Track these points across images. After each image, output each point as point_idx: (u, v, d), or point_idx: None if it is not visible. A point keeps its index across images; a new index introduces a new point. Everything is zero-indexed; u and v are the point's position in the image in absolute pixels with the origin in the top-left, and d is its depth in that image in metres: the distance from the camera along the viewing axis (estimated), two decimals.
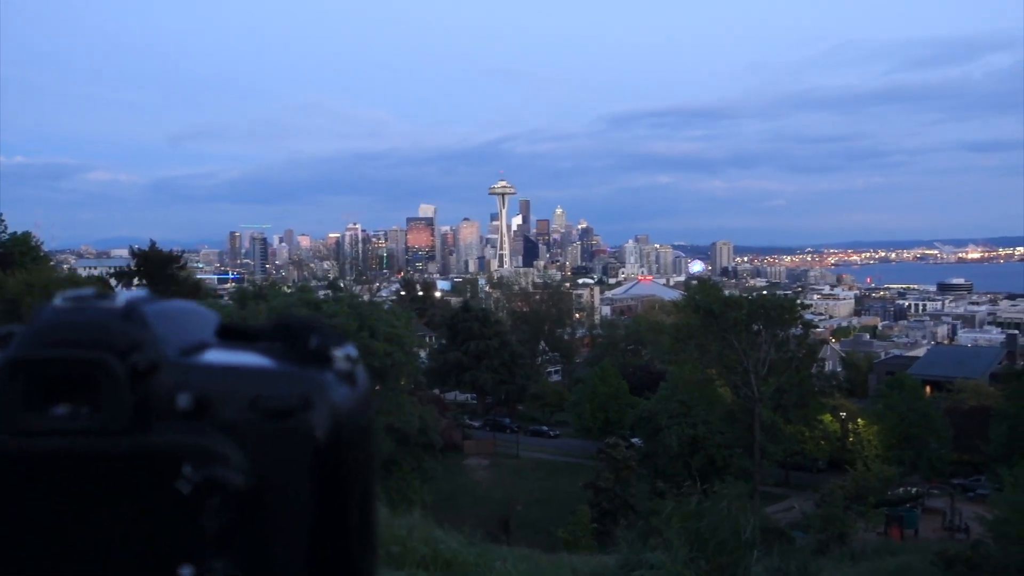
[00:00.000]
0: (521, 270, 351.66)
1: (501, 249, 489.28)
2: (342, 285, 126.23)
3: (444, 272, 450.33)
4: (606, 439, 47.59)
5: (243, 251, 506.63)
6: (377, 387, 43.82)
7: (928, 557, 25.93)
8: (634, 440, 64.35)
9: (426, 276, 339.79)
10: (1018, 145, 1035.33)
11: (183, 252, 79.32)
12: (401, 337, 44.29)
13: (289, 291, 56.37)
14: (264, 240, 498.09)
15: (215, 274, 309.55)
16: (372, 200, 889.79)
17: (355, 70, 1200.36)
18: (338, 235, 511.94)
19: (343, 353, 0.66)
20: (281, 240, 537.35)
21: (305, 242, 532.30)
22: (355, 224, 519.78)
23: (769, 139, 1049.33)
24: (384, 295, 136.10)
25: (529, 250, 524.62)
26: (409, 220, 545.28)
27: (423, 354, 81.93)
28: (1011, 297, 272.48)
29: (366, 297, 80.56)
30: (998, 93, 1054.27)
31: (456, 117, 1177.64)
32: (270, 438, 0.59)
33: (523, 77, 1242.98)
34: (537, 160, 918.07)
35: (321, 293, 71.40)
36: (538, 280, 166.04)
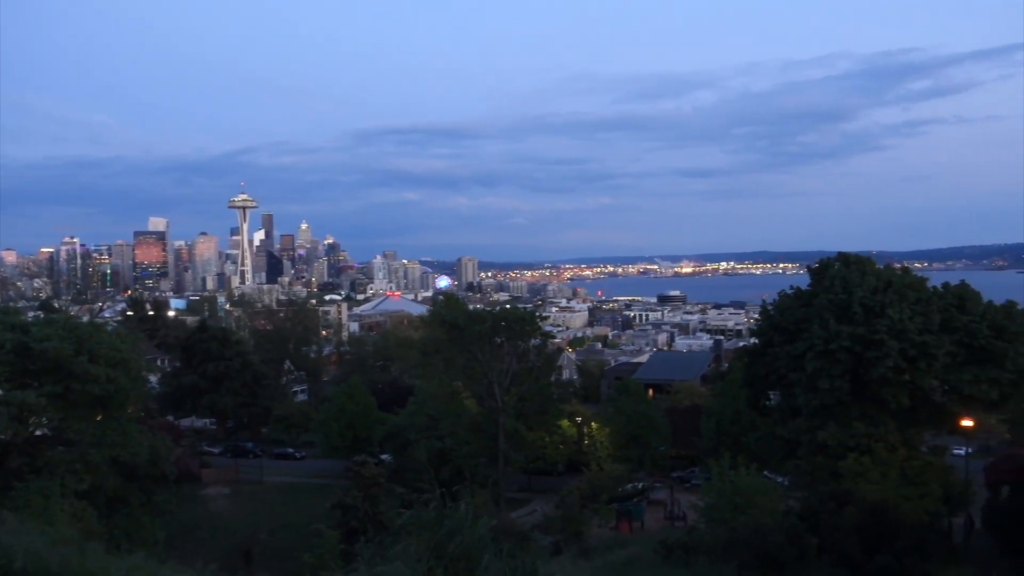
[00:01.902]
0: (264, 287, 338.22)
1: (242, 265, 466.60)
2: (57, 306, 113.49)
3: (179, 290, 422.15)
4: (355, 457, 46.91)
5: None
6: (98, 416, 39.91)
7: (652, 546, 28.44)
8: (383, 456, 64.19)
9: (158, 294, 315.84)
10: (721, 173, 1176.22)
11: None
12: (127, 361, 40.58)
13: None
14: None
15: None
16: (93, 212, 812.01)
17: (71, 69, 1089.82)
18: (52, 250, 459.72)
19: None
20: None
21: (10, 257, 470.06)
22: (73, 238, 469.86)
23: (510, 160, 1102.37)
24: (108, 316, 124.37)
25: (273, 266, 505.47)
26: (138, 234, 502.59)
27: (153, 379, 76.26)
28: (717, 307, 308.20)
29: (86, 318, 73.03)
30: (704, 126, 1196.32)
31: (192, 126, 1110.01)
32: None
33: (265, 88, 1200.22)
34: (281, 173, 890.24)
35: (31, 315, 63.68)
36: (283, 297, 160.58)
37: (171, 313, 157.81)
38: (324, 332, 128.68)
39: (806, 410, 42.29)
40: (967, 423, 45.03)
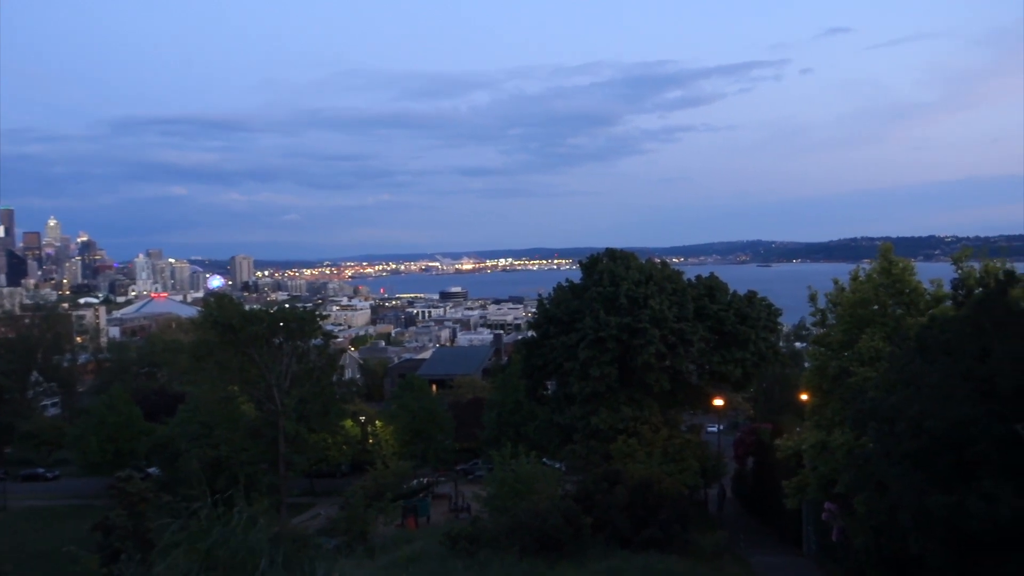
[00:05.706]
0: (5, 290, 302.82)
1: None
2: None
3: None
4: (118, 473, 43.28)
5: None
6: None
7: (438, 539, 28.72)
8: (151, 470, 59.95)
9: None
10: (497, 172, 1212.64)
11: None
12: None
13: None
14: None
15: None
16: None
17: None
18: None
19: None
20: None
21: None
22: None
23: (286, 154, 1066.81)
24: None
25: (15, 267, 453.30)
26: None
27: None
28: (497, 302, 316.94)
29: None
30: (480, 126, 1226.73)
31: None
32: None
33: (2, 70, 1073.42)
34: (22, 164, 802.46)
35: None
36: (28, 301, 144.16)
37: None
38: (79, 338, 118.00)
39: (580, 397, 44.63)
40: (718, 402, 49.84)
